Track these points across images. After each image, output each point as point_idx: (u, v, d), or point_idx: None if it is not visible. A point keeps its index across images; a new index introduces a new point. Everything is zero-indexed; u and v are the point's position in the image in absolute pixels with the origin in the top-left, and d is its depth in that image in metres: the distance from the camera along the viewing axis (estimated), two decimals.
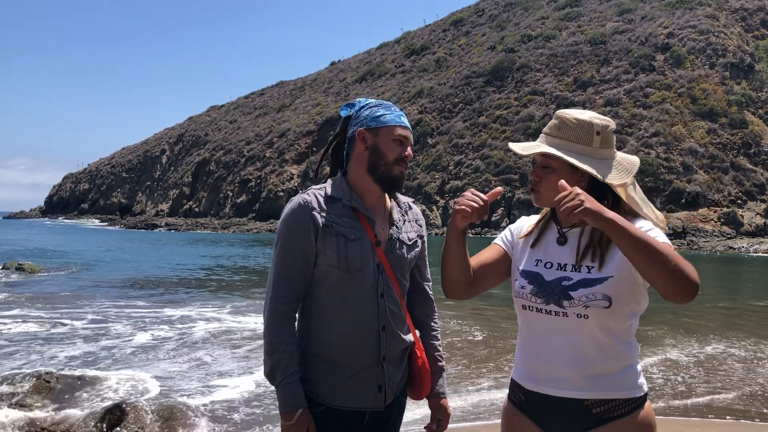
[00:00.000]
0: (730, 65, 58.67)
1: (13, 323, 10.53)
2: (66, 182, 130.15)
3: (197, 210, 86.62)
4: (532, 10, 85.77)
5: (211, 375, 7.34)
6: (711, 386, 6.78)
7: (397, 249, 2.16)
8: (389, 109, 2.17)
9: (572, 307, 1.84)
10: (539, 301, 1.90)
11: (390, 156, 2.11)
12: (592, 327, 1.83)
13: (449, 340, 9.07)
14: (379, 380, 2.09)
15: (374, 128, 2.14)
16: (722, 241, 41.80)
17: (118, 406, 5.19)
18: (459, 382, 6.88)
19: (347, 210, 2.10)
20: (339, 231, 2.06)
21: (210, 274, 20.68)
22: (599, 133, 1.90)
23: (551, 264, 1.93)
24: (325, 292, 2.07)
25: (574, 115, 1.93)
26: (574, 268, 1.88)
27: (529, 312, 1.93)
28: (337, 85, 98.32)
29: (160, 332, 10.00)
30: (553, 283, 1.88)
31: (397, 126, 2.14)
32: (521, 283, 1.95)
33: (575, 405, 1.86)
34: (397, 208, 2.24)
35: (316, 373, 2.07)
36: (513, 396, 2.04)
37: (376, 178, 2.12)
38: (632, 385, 1.88)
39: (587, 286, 1.83)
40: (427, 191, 58.40)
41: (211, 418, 5.69)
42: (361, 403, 2.08)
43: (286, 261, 2.07)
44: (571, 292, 1.85)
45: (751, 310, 13.39)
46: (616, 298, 1.81)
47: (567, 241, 1.94)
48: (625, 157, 1.96)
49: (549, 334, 1.89)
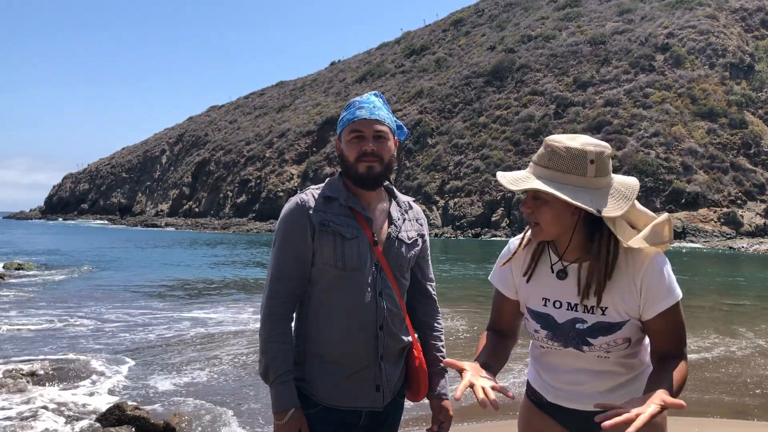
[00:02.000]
0: (730, 65, 58.69)
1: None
2: (66, 182, 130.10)
3: (197, 210, 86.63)
4: (532, 10, 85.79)
5: (238, 377, 7.34)
6: (709, 384, 6.79)
7: (396, 248, 2.14)
8: (348, 109, 2.14)
9: (593, 351, 1.84)
10: (556, 344, 1.87)
11: (350, 157, 2.08)
12: (613, 360, 1.86)
13: (452, 340, 9.06)
14: (377, 380, 2.08)
15: (340, 133, 2.15)
16: (722, 241, 41.81)
17: (119, 406, 5.19)
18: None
19: (344, 209, 2.09)
20: (335, 230, 2.05)
21: (230, 276, 20.69)
22: (593, 161, 1.73)
23: (560, 303, 1.85)
24: (323, 290, 2.07)
25: (565, 143, 1.75)
26: (585, 310, 1.81)
27: (546, 349, 1.94)
28: (337, 85, 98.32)
29: (187, 331, 10.02)
30: (567, 326, 1.84)
31: (350, 123, 2.10)
32: (533, 326, 1.91)
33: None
34: (397, 207, 2.22)
35: (313, 372, 2.07)
36: (532, 395, 2.03)
37: (350, 180, 2.11)
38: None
39: (606, 332, 1.80)
40: (427, 191, 58.38)
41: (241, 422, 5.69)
42: (358, 403, 2.07)
43: (284, 262, 2.07)
44: (589, 338, 1.82)
45: (738, 305, 13.40)
46: (634, 337, 1.82)
47: (567, 276, 1.84)
48: (623, 181, 1.81)
49: (570, 364, 1.90)
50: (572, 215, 1.77)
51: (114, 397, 6.24)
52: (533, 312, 1.91)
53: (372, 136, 2.08)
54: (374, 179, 2.09)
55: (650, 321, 1.78)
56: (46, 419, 5.61)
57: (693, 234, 43.35)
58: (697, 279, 19.53)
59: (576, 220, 1.77)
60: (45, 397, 6.19)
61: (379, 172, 2.09)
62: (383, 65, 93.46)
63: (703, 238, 42.50)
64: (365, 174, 2.07)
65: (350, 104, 2.15)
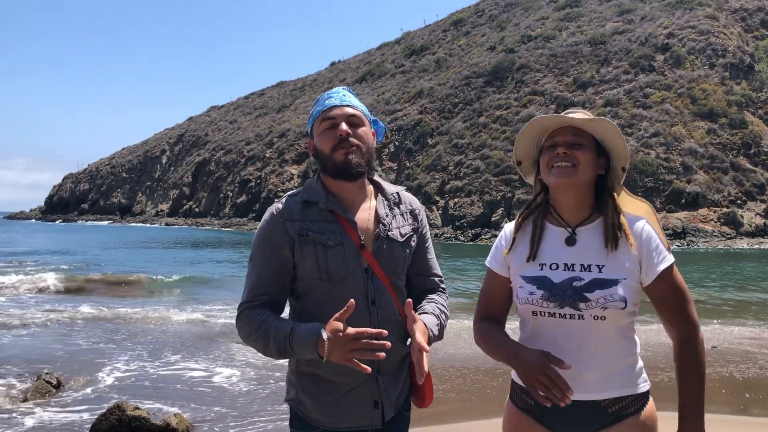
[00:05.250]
0: (730, 65, 58.64)
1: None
2: (66, 182, 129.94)
3: (197, 210, 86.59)
4: (532, 11, 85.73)
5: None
6: (710, 380, 6.78)
7: (387, 249, 1.98)
8: (317, 103, 2.01)
9: (589, 309, 1.80)
10: (552, 305, 1.84)
11: (325, 148, 1.95)
12: (608, 328, 1.82)
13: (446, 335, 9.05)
14: (375, 395, 1.94)
15: (311, 131, 2.03)
16: (722, 241, 41.80)
17: (119, 406, 5.19)
18: (460, 379, 6.88)
19: (324, 214, 1.95)
20: (316, 239, 1.91)
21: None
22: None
23: (556, 265, 1.87)
24: (311, 305, 1.93)
25: (581, 110, 1.97)
26: (582, 268, 1.83)
27: (540, 318, 1.87)
28: (337, 86, 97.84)
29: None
30: (564, 285, 1.83)
31: (321, 112, 1.96)
32: (528, 289, 1.88)
33: (593, 406, 1.85)
34: (384, 202, 2.06)
35: (307, 392, 1.94)
36: (518, 400, 1.97)
37: (329, 174, 1.97)
38: (640, 380, 1.91)
39: (603, 287, 1.80)
40: (427, 191, 58.32)
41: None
42: (357, 423, 1.93)
43: (260, 274, 1.94)
44: (586, 293, 1.81)
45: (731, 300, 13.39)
46: (630, 300, 1.82)
47: (577, 242, 1.89)
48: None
49: (563, 338, 1.84)
50: (594, 170, 1.91)
51: (114, 397, 6.24)
52: (528, 277, 1.90)
53: (345, 121, 1.93)
54: (354, 167, 1.93)
55: (652, 285, 1.84)
56: (46, 419, 5.61)
57: (693, 234, 43.33)
58: (698, 275, 19.54)
59: (595, 177, 1.92)
60: (45, 397, 6.19)
61: (360, 161, 1.94)
62: (383, 65, 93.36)
63: (702, 239, 42.49)
64: (343, 161, 1.92)
65: (318, 99, 2.03)
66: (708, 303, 13.14)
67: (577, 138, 1.88)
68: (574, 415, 1.85)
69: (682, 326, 1.86)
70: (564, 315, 1.83)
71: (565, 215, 1.93)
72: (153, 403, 6.04)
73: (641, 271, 1.84)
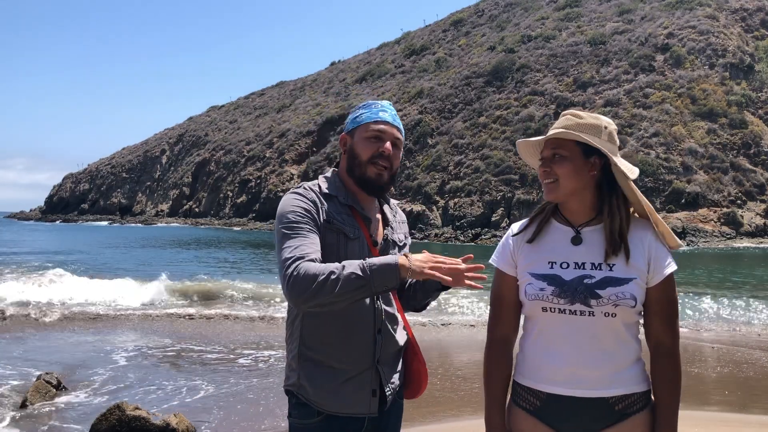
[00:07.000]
0: (730, 65, 58.65)
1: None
2: (66, 182, 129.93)
3: (197, 210, 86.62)
4: (532, 11, 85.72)
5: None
6: (706, 380, 6.78)
7: (391, 250, 2.12)
8: (369, 108, 2.09)
9: (600, 306, 1.82)
10: (562, 301, 1.85)
11: (363, 155, 2.02)
12: (617, 325, 1.84)
13: (441, 336, 9.06)
14: (374, 384, 2.02)
15: (351, 130, 2.09)
16: (722, 241, 41.82)
17: (119, 406, 5.19)
18: (460, 378, 6.89)
19: (344, 208, 2.03)
20: (339, 228, 1.98)
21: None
22: (606, 127, 1.91)
23: (567, 264, 1.88)
24: None
25: (581, 112, 1.95)
26: (593, 266, 1.85)
27: (549, 314, 1.88)
28: (337, 86, 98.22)
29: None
30: (575, 282, 1.84)
31: (371, 122, 2.04)
32: (539, 285, 1.88)
33: (600, 403, 1.85)
34: (389, 209, 2.21)
35: (309, 377, 1.99)
36: (522, 401, 1.96)
37: (355, 180, 2.05)
38: (645, 377, 1.93)
39: (615, 285, 1.82)
40: (427, 191, 58.30)
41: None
42: (356, 409, 2.00)
43: (304, 236, 1.89)
44: (598, 290, 1.82)
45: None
46: (639, 299, 1.85)
47: (582, 241, 1.91)
48: (626, 162, 1.95)
49: (573, 335, 1.85)
50: (588, 173, 1.89)
51: (114, 397, 6.24)
52: (538, 275, 1.91)
53: (391, 141, 2.05)
54: (381, 187, 2.05)
55: (655, 288, 1.86)
56: (46, 419, 5.61)
57: (693, 234, 43.34)
58: (698, 273, 19.55)
59: (592, 178, 1.90)
60: (45, 397, 6.19)
61: (387, 182, 2.06)
62: (383, 65, 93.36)
63: (702, 239, 42.50)
64: (374, 179, 2.02)
65: (368, 104, 2.11)
66: (708, 303, 13.13)
67: (557, 150, 1.90)
68: (580, 413, 1.85)
69: (668, 337, 1.90)
70: (574, 311, 1.84)
71: (570, 217, 1.96)
72: (153, 403, 6.04)
73: (649, 272, 1.87)
